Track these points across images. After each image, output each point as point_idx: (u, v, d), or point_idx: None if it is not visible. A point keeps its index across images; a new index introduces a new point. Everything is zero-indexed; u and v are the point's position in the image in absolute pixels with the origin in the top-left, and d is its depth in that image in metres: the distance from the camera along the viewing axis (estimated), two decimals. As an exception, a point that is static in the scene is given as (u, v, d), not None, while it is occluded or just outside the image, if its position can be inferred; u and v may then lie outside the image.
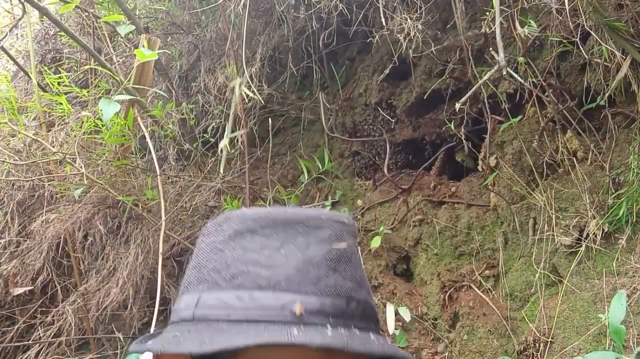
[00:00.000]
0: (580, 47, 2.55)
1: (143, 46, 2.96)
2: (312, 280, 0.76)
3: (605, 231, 2.49)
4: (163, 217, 3.06)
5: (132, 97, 2.96)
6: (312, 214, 0.81)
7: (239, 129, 3.54)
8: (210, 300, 0.78)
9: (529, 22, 2.54)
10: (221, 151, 3.40)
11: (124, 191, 3.32)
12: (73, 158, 3.07)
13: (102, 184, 3.15)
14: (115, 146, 3.26)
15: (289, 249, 0.78)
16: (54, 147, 3.20)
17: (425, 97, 3.45)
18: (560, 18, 2.58)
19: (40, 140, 3.24)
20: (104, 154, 3.28)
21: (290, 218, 0.80)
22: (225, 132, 3.52)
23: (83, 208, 3.44)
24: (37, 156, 3.31)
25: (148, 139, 3.21)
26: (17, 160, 3.33)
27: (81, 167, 3.07)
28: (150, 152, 3.25)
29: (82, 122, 3.17)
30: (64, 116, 3.36)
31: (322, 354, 0.73)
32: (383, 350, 0.76)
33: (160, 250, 3.03)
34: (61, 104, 3.05)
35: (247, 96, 3.28)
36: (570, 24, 2.54)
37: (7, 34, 4.04)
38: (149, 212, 3.37)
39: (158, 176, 3.17)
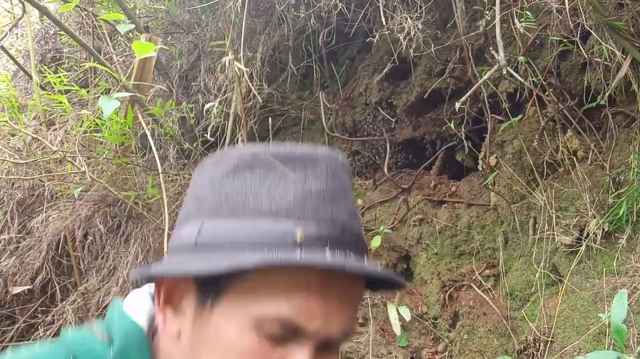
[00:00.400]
0: (581, 46, 2.55)
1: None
2: (311, 210, 0.80)
3: (606, 230, 2.49)
4: (166, 216, 3.06)
5: (132, 94, 2.96)
6: (308, 151, 0.85)
7: (239, 130, 3.54)
8: (212, 228, 0.81)
9: (526, 14, 2.54)
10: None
11: (125, 189, 3.31)
12: (73, 156, 3.07)
13: (102, 183, 3.15)
14: (116, 145, 3.25)
15: (288, 182, 0.81)
16: (54, 145, 3.20)
17: (425, 97, 3.45)
18: (561, 17, 2.58)
19: (41, 138, 3.24)
20: (104, 152, 3.28)
21: (287, 154, 0.84)
22: (226, 132, 3.52)
23: (83, 206, 3.44)
24: (37, 155, 3.31)
25: (149, 137, 3.21)
26: (17, 159, 3.32)
27: (82, 165, 3.07)
28: (151, 150, 3.24)
29: (82, 121, 3.17)
30: (64, 115, 3.36)
31: (322, 276, 0.77)
32: (377, 272, 0.80)
33: (165, 249, 3.02)
34: (61, 102, 3.05)
35: (240, 71, 3.26)
36: (571, 23, 2.54)
37: (7, 34, 4.04)
38: (149, 211, 3.37)
39: (160, 174, 3.17)
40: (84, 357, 0.83)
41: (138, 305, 0.91)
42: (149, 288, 0.93)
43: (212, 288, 0.79)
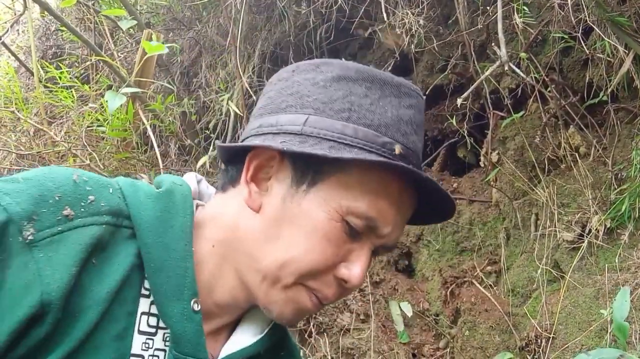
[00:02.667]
0: (583, 42, 2.55)
1: (150, 39, 2.94)
2: (403, 133, 0.89)
3: (608, 226, 2.49)
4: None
5: (138, 90, 2.96)
6: (403, 81, 0.94)
7: (241, 126, 3.54)
8: (319, 122, 0.87)
9: (523, 9, 2.53)
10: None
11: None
12: (77, 150, 3.07)
13: (106, 176, 3.15)
14: (117, 141, 3.26)
15: (385, 104, 0.90)
16: (58, 137, 3.20)
17: (427, 93, 3.44)
18: (563, 13, 2.58)
19: (46, 129, 3.24)
20: (106, 147, 3.28)
21: (386, 79, 0.92)
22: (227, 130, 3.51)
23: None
24: (41, 147, 3.31)
25: (150, 133, 3.21)
26: (21, 149, 3.32)
27: (86, 159, 3.07)
28: (152, 146, 3.25)
29: (84, 117, 3.17)
30: (67, 110, 3.36)
31: (401, 192, 0.88)
32: (445, 191, 0.91)
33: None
34: (65, 97, 3.05)
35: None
36: (573, 19, 2.54)
37: (8, 30, 4.03)
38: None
39: (161, 170, 3.17)
40: (132, 191, 0.87)
41: (186, 179, 0.98)
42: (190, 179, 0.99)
43: (311, 173, 0.87)
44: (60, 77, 3.19)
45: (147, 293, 0.85)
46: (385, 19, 3.12)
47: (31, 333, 0.75)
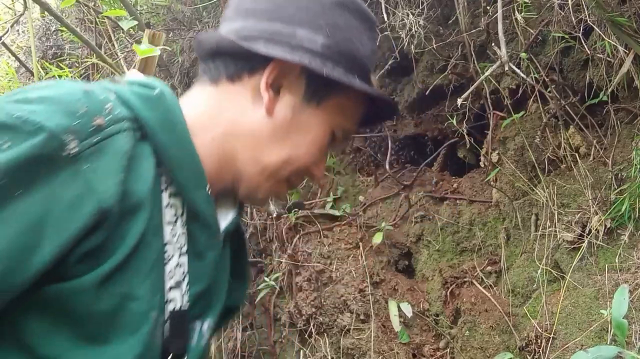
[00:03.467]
0: (583, 42, 2.55)
1: (152, 39, 2.94)
2: (373, 64, 1.13)
3: (608, 227, 2.48)
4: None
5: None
6: (372, 15, 1.11)
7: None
8: (332, 47, 1.02)
9: (524, 2, 2.53)
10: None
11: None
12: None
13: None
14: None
15: (369, 37, 1.09)
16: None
17: (427, 93, 3.44)
18: (563, 13, 2.58)
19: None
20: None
21: (368, 14, 1.09)
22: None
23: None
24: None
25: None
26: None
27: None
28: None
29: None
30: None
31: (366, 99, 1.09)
32: (393, 102, 1.20)
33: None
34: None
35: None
36: (573, 19, 2.54)
37: (8, 30, 4.04)
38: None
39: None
40: (130, 95, 0.91)
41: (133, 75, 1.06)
42: None
43: (323, 92, 1.03)
44: (60, 77, 3.19)
45: (165, 186, 0.93)
46: (385, 19, 3.12)
47: (85, 242, 0.81)
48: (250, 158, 1.02)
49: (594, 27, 2.49)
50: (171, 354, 0.95)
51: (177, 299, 0.96)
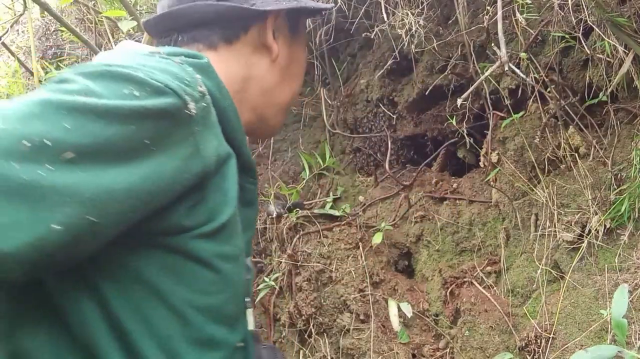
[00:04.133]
0: (583, 42, 2.55)
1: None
2: None
3: (607, 227, 2.49)
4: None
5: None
6: None
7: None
8: None
9: (525, 3, 2.53)
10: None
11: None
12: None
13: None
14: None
15: None
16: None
17: (426, 93, 3.44)
18: (562, 13, 2.58)
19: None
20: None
21: None
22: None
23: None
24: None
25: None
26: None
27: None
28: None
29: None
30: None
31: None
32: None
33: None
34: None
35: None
36: (573, 19, 2.54)
37: (8, 30, 4.03)
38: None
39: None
40: (194, 66, 0.97)
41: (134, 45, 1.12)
42: None
43: (296, 21, 1.20)
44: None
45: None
46: (385, 19, 3.12)
47: (191, 195, 0.89)
48: (267, 102, 1.17)
49: (594, 27, 2.49)
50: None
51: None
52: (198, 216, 0.91)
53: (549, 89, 2.76)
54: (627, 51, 2.42)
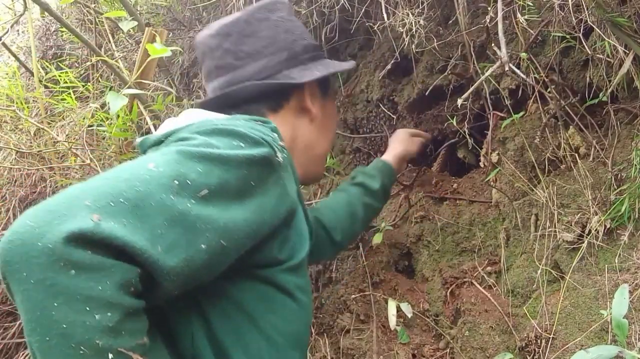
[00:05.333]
0: (583, 42, 2.55)
1: (154, 41, 2.93)
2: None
3: (608, 227, 2.48)
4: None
5: (141, 92, 2.95)
6: None
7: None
8: (302, 52, 1.49)
9: (527, 4, 2.53)
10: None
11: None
12: (77, 149, 3.08)
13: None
14: (119, 140, 3.25)
15: (299, 22, 1.51)
16: (58, 137, 3.20)
17: (427, 94, 3.44)
18: (563, 14, 2.58)
19: (46, 129, 3.23)
20: (110, 146, 3.28)
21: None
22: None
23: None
24: (41, 146, 3.30)
25: (153, 132, 3.21)
26: (22, 149, 3.31)
27: (87, 158, 3.07)
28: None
29: (85, 117, 3.16)
30: (66, 110, 3.36)
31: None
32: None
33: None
34: (64, 99, 3.05)
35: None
36: (573, 19, 2.54)
37: (8, 30, 4.03)
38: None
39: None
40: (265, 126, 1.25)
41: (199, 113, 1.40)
42: None
43: (327, 85, 1.49)
44: (61, 77, 3.18)
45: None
46: (386, 19, 3.12)
47: (281, 231, 1.14)
48: (310, 156, 1.47)
49: (594, 27, 2.49)
50: None
51: None
52: (286, 251, 1.13)
53: (549, 89, 2.76)
54: (627, 51, 2.42)
